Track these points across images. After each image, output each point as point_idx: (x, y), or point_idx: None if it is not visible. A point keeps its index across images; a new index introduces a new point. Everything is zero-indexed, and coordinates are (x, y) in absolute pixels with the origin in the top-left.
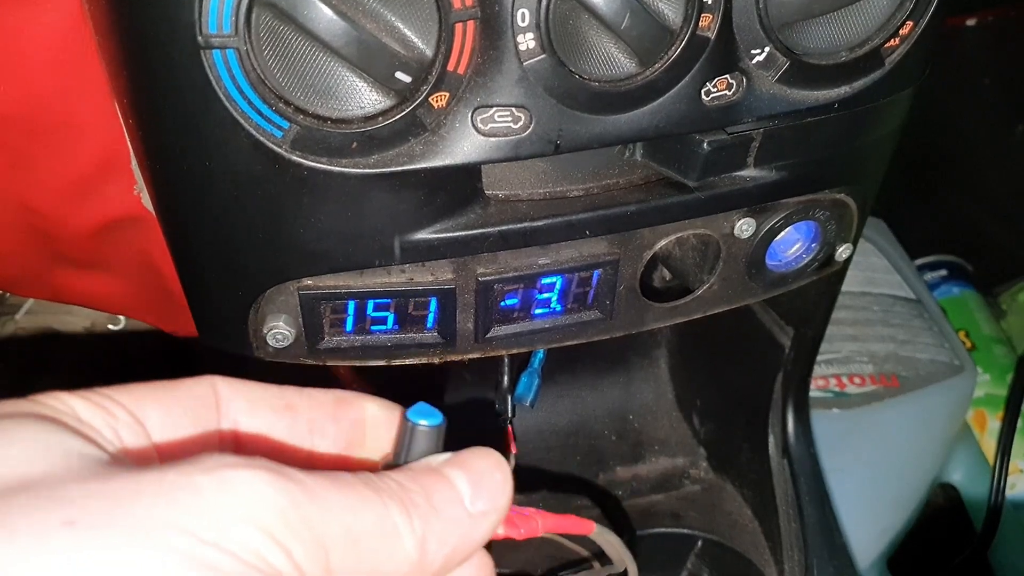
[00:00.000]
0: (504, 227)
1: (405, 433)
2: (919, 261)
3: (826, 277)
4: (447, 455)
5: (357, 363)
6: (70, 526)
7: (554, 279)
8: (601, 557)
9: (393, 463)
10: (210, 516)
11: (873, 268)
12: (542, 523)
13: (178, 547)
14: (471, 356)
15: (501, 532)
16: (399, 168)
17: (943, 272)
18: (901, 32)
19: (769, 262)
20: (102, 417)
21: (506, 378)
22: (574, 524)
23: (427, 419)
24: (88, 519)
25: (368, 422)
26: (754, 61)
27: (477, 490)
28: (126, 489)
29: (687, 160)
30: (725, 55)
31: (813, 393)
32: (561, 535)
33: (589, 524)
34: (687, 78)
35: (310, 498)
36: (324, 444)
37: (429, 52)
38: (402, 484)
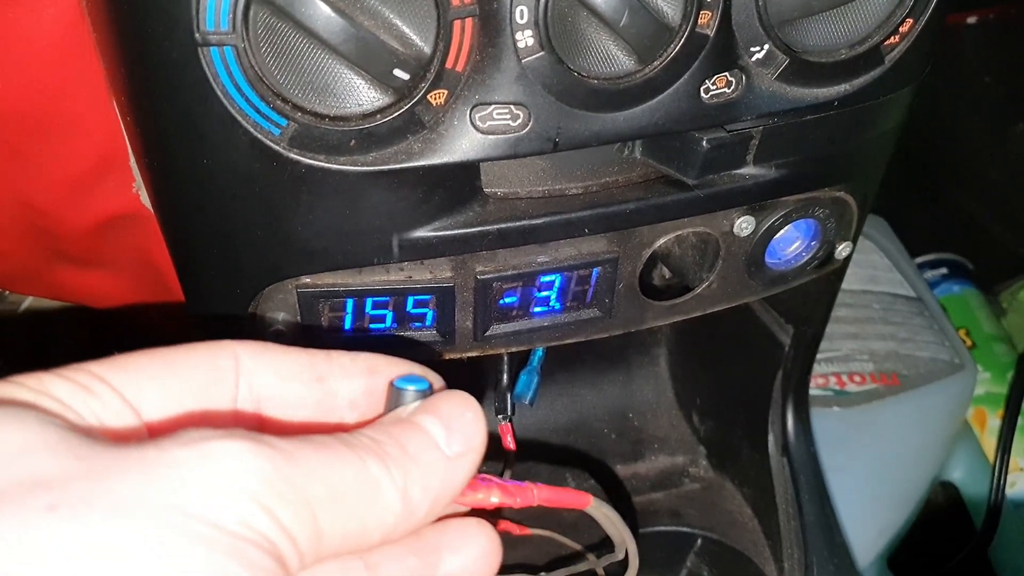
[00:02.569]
0: (503, 225)
1: (392, 400)
2: (919, 259)
3: (826, 275)
4: (415, 404)
5: None
6: (52, 510)
7: (553, 277)
8: (598, 550)
9: None
10: (193, 489)
11: (873, 266)
12: (538, 493)
13: (163, 523)
14: (470, 354)
15: (496, 501)
16: (397, 166)
17: (943, 270)
18: (901, 29)
19: (768, 260)
20: (82, 396)
21: (505, 376)
22: (571, 497)
23: (414, 385)
24: (69, 502)
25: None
26: (753, 58)
27: (451, 433)
28: (107, 468)
29: (686, 158)
30: (724, 52)
31: (813, 391)
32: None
33: (586, 497)
34: (686, 75)
35: (291, 462)
36: (353, 416)
37: (427, 49)
38: (374, 438)
